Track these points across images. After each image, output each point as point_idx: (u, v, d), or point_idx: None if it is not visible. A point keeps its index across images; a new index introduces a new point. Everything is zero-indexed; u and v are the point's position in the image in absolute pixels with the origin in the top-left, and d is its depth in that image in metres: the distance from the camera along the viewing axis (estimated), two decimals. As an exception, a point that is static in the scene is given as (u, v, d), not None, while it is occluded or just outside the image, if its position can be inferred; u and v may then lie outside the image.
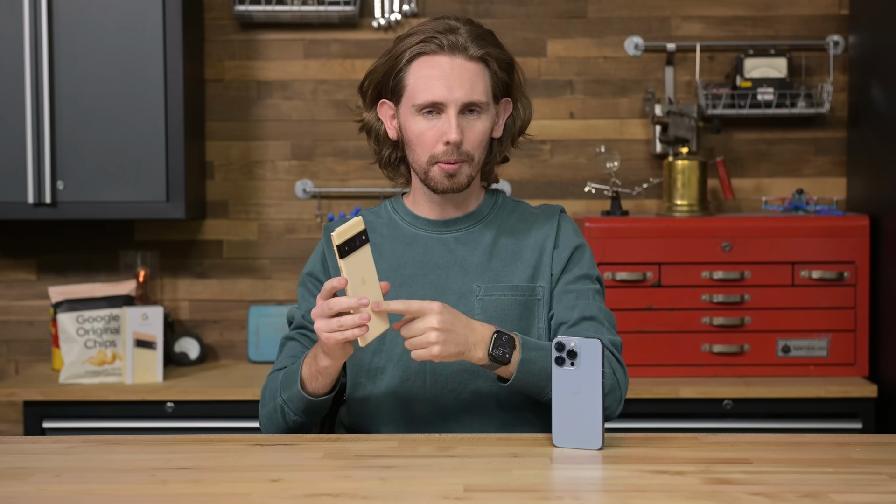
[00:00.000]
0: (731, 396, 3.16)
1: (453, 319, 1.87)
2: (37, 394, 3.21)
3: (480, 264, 2.08)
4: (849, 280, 3.25)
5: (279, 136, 3.64)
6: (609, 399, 1.98)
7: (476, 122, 2.04)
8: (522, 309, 2.06)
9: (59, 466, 1.77)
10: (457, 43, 2.01)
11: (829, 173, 3.61)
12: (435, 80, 2.00)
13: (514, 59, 2.11)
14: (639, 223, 3.28)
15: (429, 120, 2.02)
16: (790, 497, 1.56)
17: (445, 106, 2.01)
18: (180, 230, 3.64)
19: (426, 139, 2.03)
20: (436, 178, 2.04)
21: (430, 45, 2.01)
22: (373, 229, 2.14)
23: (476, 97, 2.02)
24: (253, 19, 3.56)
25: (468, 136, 2.03)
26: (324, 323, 1.84)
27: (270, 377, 2.10)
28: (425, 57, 2.02)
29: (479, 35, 2.04)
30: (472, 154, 2.04)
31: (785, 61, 3.48)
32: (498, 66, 2.06)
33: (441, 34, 2.01)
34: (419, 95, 2.02)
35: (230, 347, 3.67)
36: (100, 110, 3.31)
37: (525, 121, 2.16)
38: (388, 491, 1.62)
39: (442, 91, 2.00)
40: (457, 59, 2.01)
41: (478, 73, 2.03)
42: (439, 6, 3.60)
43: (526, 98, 2.16)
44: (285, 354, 2.12)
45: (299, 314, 2.13)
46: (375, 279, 1.84)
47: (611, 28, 3.61)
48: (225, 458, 1.82)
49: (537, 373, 1.93)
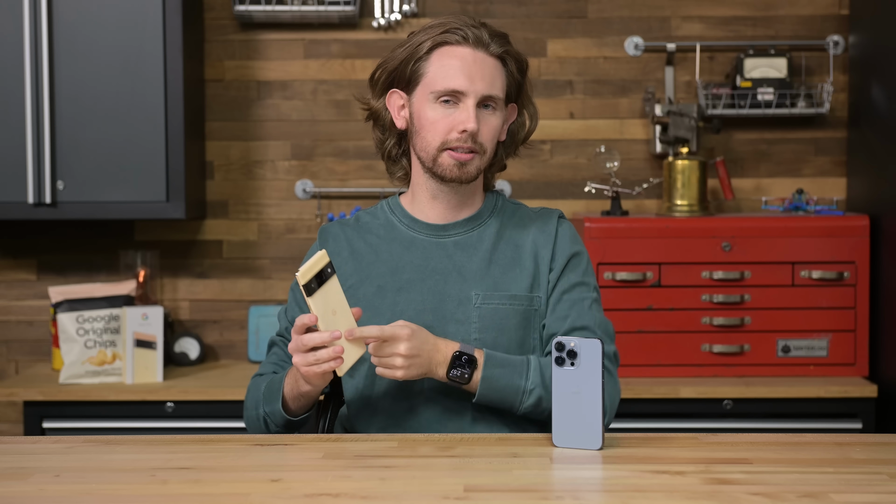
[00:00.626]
0: (731, 396, 3.16)
1: (420, 345, 1.93)
2: (37, 394, 3.21)
3: (479, 271, 2.07)
4: (849, 280, 3.25)
5: (279, 136, 3.64)
6: None
7: (491, 116, 2.06)
8: (521, 318, 2.06)
9: (59, 466, 1.77)
10: (480, 37, 2.04)
11: (829, 173, 3.61)
12: (457, 70, 2.02)
13: (528, 63, 2.14)
14: (639, 223, 3.28)
15: (445, 108, 2.04)
16: (790, 497, 1.56)
17: (465, 96, 2.02)
18: (180, 230, 3.64)
19: (440, 127, 2.04)
20: (444, 164, 2.05)
21: (454, 35, 2.04)
22: (369, 230, 2.15)
23: (495, 91, 2.04)
24: (253, 19, 3.56)
25: (483, 129, 2.04)
26: (300, 357, 1.90)
27: (254, 382, 2.15)
28: (448, 47, 2.04)
29: (498, 35, 2.08)
30: (485, 147, 2.05)
31: (785, 61, 3.48)
32: (515, 66, 2.09)
33: (465, 27, 2.04)
34: (440, 82, 2.03)
35: (230, 347, 3.67)
36: (100, 110, 3.31)
37: (530, 130, 2.18)
38: (388, 491, 1.61)
39: (463, 81, 2.02)
40: (479, 53, 2.04)
41: (497, 70, 2.06)
42: (439, 6, 3.60)
43: (533, 107, 2.18)
44: (269, 360, 2.18)
45: (284, 321, 2.17)
46: (346, 308, 1.89)
47: (611, 28, 3.61)
48: (225, 458, 1.82)
49: (501, 389, 1.97)
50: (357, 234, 2.15)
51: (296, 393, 2.00)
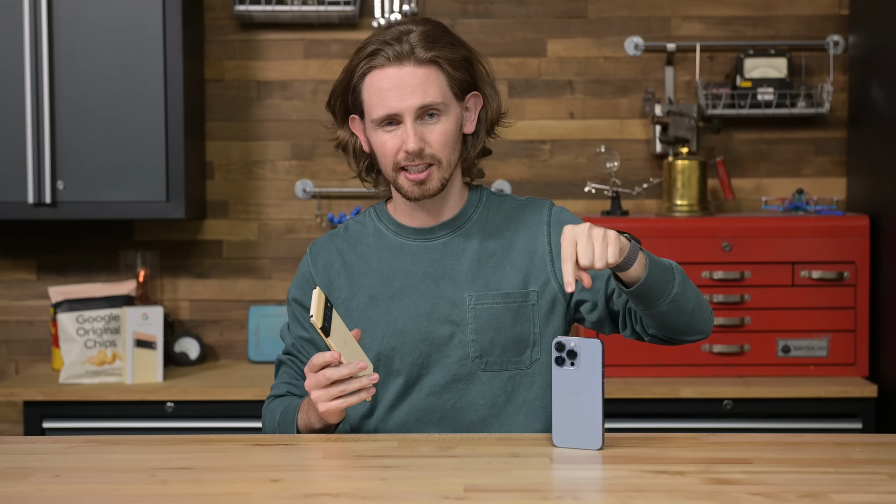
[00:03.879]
0: (731, 396, 3.16)
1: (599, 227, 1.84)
2: (37, 394, 3.21)
3: (470, 272, 2.06)
4: (849, 280, 3.25)
5: (279, 136, 3.64)
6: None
7: (436, 125, 2.02)
8: (515, 315, 2.05)
9: (59, 466, 1.77)
10: (402, 51, 2.00)
11: (829, 173, 3.61)
12: (386, 93, 1.99)
13: (473, 54, 2.08)
14: (639, 223, 3.28)
15: (390, 132, 2.01)
16: (790, 497, 1.56)
17: (401, 116, 2.00)
18: (180, 230, 3.64)
19: (387, 150, 2.02)
20: (404, 186, 2.03)
21: (377, 58, 2.00)
22: (359, 241, 2.13)
23: (429, 100, 2.00)
24: (253, 19, 3.56)
25: (430, 140, 2.01)
26: (322, 393, 1.88)
27: (268, 406, 2.14)
28: (375, 71, 2.01)
29: (429, 37, 2.02)
30: (438, 157, 2.02)
31: (785, 61, 3.48)
32: (451, 65, 2.03)
33: (388, 45, 2.00)
34: (374, 111, 2.01)
35: (230, 347, 3.67)
36: (100, 110, 3.31)
37: (495, 111, 2.12)
38: (388, 491, 1.61)
39: (394, 102, 1.99)
40: (405, 67, 2.00)
41: (429, 77, 2.01)
42: (439, 6, 3.60)
43: (492, 88, 2.12)
44: (280, 380, 2.15)
45: (290, 339, 2.15)
46: (351, 336, 1.91)
47: (611, 28, 3.61)
48: (225, 458, 1.82)
49: (659, 264, 1.90)
50: (347, 246, 2.13)
51: (309, 428, 2.00)
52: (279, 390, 2.14)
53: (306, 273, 2.14)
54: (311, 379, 1.88)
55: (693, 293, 1.96)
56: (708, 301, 2.03)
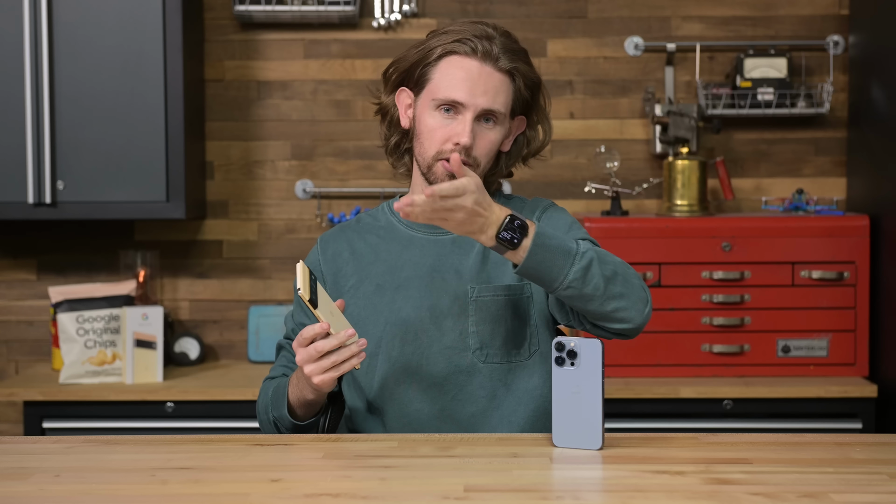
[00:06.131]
0: (731, 396, 3.16)
1: (482, 200, 1.83)
2: (37, 394, 3.21)
3: (475, 267, 2.08)
4: (849, 280, 3.25)
5: (279, 136, 3.64)
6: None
7: (490, 131, 2.05)
8: (515, 308, 2.07)
9: (59, 466, 1.77)
10: (490, 51, 2.04)
11: (829, 173, 3.61)
12: (460, 81, 2.03)
13: (542, 81, 2.14)
14: (639, 223, 3.28)
15: (444, 117, 2.04)
16: (790, 497, 1.56)
17: (464, 108, 2.03)
18: (180, 230, 3.64)
19: (437, 136, 2.04)
20: (437, 174, 2.05)
21: (463, 45, 2.04)
22: (369, 230, 2.16)
23: (496, 106, 2.04)
24: (253, 19, 3.56)
25: (479, 143, 2.04)
26: (315, 366, 1.89)
27: (264, 386, 2.17)
28: (456, 56, 2.04)
29: (512, 49, 2.07)
30: (479, 160, 2.05)
31: (785, 61, 3.48)
32: (524, 82, 2.08)
33: (477, 38, 2.04)
34: (442, 91, 2.03)
35: (230, 347, 3.67)
36: (100, 110, 3.31)
37: (542, 144, 2.18)
38: (388, 491, 1.62)
39: (464, 93, 2.02)
40: (486, 67, 2.04)
41: (503, 84, 2.05)
42: (439, 6, 3.60)
43: (548, 122, 2.17)
44: (278, 363, 2.19)
45: (291, 324, 2.18)
46: (335, 306, 1.93)
47: (611, 28, 3.61)
48: (225, 458, 1.82)
49: (553, 249, 1.85)
50: (357, 235, 2.17)
51: (301, 401, 2.02)
52: (276, 372, 2.17)
53: (314, 261, 2.17)
54: (303, 354, 1.89)
55: (603, 282, 1.89)
56: (645, 291, 1.96)
